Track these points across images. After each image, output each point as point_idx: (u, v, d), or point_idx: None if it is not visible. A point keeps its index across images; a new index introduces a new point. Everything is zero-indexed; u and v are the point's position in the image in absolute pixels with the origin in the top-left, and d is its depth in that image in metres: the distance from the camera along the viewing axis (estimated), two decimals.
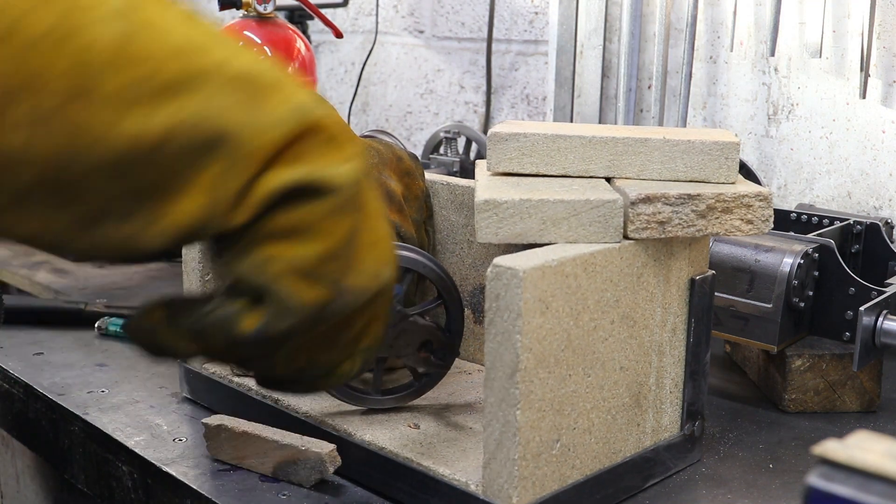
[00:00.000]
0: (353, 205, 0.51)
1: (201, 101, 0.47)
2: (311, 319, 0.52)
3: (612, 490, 0.74)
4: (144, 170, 0.47)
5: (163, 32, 0.47)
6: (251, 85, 0.49)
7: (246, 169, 0.48)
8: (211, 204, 0.48)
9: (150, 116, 0.46)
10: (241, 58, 0.49)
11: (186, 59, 0.47)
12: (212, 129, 0.47)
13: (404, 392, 0.82)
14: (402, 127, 1.88)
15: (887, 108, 1.21)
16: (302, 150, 0.50)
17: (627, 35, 1.41)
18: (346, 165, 0.51)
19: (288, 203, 0.50)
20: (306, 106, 0.50)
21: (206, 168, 0.47)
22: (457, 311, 0.82)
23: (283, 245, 0.50)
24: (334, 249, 0.51)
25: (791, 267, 0.89)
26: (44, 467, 1.11)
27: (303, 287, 0.51)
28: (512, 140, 0.77)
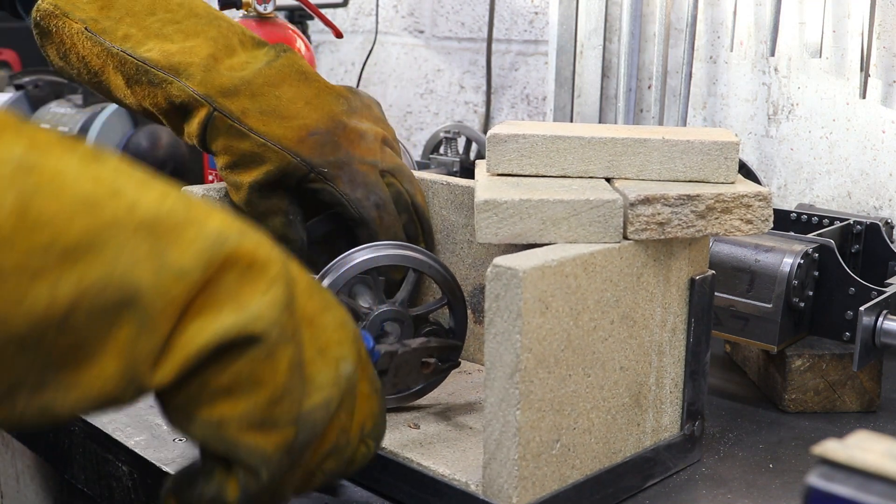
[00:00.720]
0: (283, 340, 0.50)
1: (106, 261, 0.45)
2: (282, 463, 0.52)
3: (612, 490, 0.74)
4: (54, 340, 0.44)
5: (63, 187, 0.44)
6: (157, 230, 0.46)
7: (159, 328, 0.46)
8: (126, 369, 0.46)
9: (55, 287, 0.44)
10: (148, 197, 0.47)
11: (87, 215, 0.45)
12: (119, 290, 0.45)
13: (406, 392, 0.82)
14: (402, 127, 1.88)
15: (887, 108, 1.21)
16: (218, 290, 0.48)
17: (627, 35, 1.41)
18: (266, 299, 0.49)
19: (218, 359, 0.48)
20: (217, 240, 0.48)
21: (117, 332, 0.45)
22: (461, 310, 0.82)
23: (227, 403, 0.49)
24: (279, 392, 0.50)
25: (791, 267, 0.89)
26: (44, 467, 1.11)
27: (262, 438, 0.50)
28: (511, 141, 0.77)
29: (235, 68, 0.87)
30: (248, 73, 0.87)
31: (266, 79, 0.87)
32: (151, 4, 0.89)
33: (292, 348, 0.51)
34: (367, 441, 0.59)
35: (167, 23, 0.88)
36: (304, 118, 0.87)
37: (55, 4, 0.88)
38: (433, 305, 0.82)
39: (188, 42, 0.88)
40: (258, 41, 0.91)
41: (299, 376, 0.52)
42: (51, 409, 0.46)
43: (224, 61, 0.87)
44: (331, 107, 0.89)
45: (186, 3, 0.90)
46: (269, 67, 0.88)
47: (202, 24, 0.89)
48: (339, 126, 0.88)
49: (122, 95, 0.90)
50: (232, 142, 0.86)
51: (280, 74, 0.88)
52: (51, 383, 0.45)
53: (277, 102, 0.87)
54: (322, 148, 0.86)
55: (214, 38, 0.88)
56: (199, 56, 0.87)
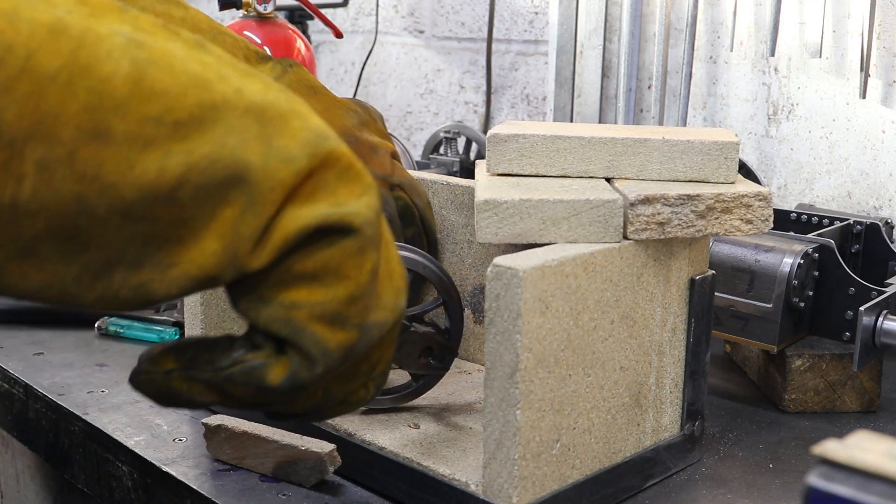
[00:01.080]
0: (373, 242, 0.50)
1: (217, 137, 0.45)
2: (339, 363, 0.51)
3: (612, 490, 0.74)
4: (159, 215, 0.44)
5: (174, 64, 0.45)
6: (266, 115, 0.47)
7: (264, 209, 0.46)
8: (228, 249, 0.46)
9: (166, 159, 0.44)
10: (254, 86, 0.47)
11: (199, 92, 0.45)
12: (229, 168, 0.45)
13: (403, 392, 0.82)
14: (402, 127, 1.88)
15: (887, 108, 1.21)
16: (319, 184, 0.48)
17: (627, 35, 1.41)
18: (363, 200, 0.49)
19: (309, 244, 0.48)
20: (320, 136, 0.48)
21: (222, 210, 0.45)
22: (457, 312, 0.82)
23: (306, 289, 0.48)
24: (359, 290, 0.49)
25: (791, 267, 0.89)
26: (44, 467, 1.11)
27: (329, 332, 0.49)
28: (511, 141, 0.77)
29: None
30: None
31: None
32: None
33: (377, 254, 0.50)
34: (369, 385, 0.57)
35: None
36: None
37: None
38: (429, 306, 0.82)
39: None
40: (263, 55, 0.90)
41: (375, 285, 0.51)
42: (147, 288, 0.46)
43: None
44: (342, 120, 0.88)
45: (189, 19, 0.90)
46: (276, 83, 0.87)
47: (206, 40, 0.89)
48: (352, 140, 0.87)
49: None
50: None
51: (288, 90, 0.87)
52: (150, 260, 0.45)
53: None
54: None
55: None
56: None
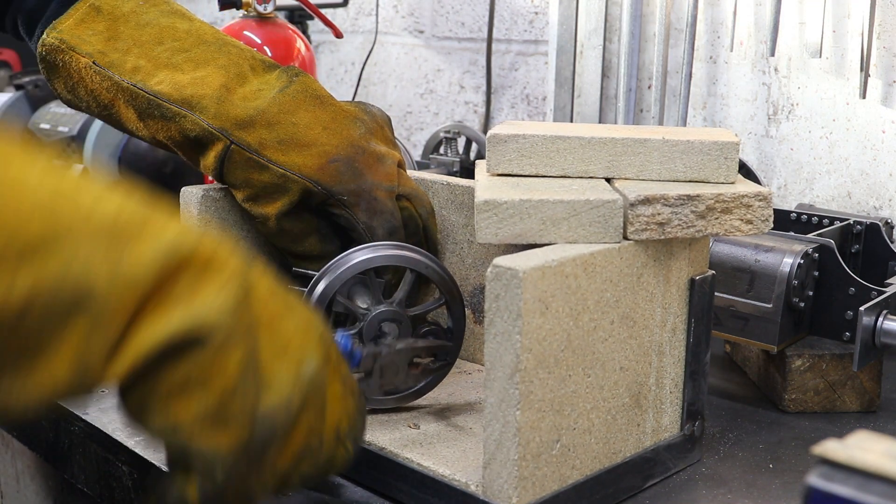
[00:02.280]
0: (231, 341, 0.51)
1: (63, 260, 0.46)
2: (237, 462, 0.52)
3: (612, 490, 0.74)
4: (8, 337, 0.46)
5: (23, 190, 0.46)
6: (115, 232, 0.48)
7: (111, 327, 0.48)
8: (78, 367, 0.47)
9: (12, 284, 0.45)
10: (107, 203, 0.48)
11: (47, 215, 0.46)
12: (74, 288, 0.46)
13: (406, 392, 0.82)
14: (402, 127, 1.88)
15: (887, 108, 1.21)
16: (169, 293, 0.49)
17: (627, 35, 1.41)
18: (215, 303, 0.50)
19: (168, 359, 0.49)
20: (172, 246, 0.49)
21: (72, 329, 0.47)
22: (459, 311, 0.82)
23: (179, 402, 0.50)
24: (231, 389, 0.51)
25: (791, 267, 0.89)
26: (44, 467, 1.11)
27: (215, 436, 0.51)
28: (511, 141, 0.77)
29: (249, 97, 0.86)
30: (263, 101, 0.86)
31: (281, 106, 0.85)
32: (159, 34, 0.87)
33: (242, 349, 0.51)
34: (345, 443, 0.60)
35: (176, 52, 0.87)
36: (324, 144, 0.85)
37: (60, 38, 0.86)
38: (431, 305, 0.82)
39: (199, 72, 0.86)
40: (269, 64, 0.90)
41: (252, 376, 0.52)
42: (6, 402, 0.47)
43: (237, 91, 0.86)
44: (349, 131, 0.87)
45: (194, 31, 0.89)
46: (283, 94, 0.86)
47: (212, 51, 0.88)
48: (359, 151, 0.87)
49: (134, 128, 0.88)
50: (251, 174, 0.85)
51: (295, 101, 0.86)
52: (5, 378, 0.47)
53: (295, 130, 0.85)
54: (342, 175, 0.85)
55: (225, 66, 0.87)
56: (212, 87, 0.85)
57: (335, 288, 0.78)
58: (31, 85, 1.58)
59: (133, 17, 0.88)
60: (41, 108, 1.54)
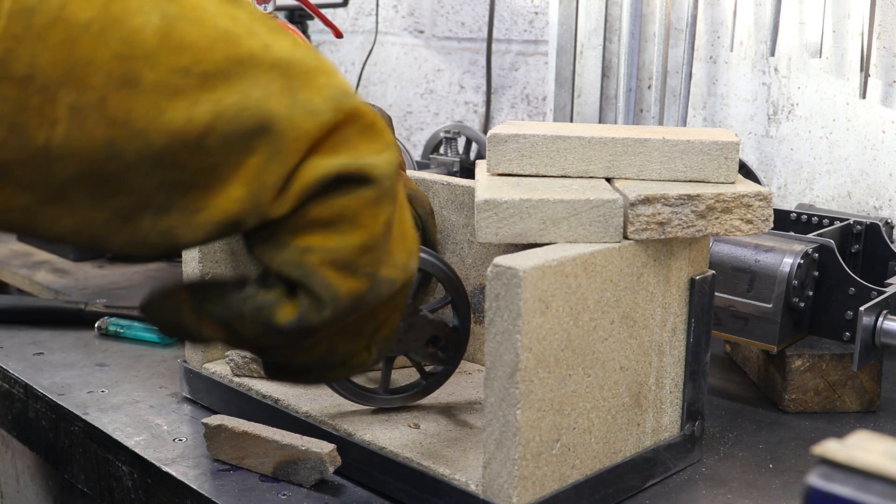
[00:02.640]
0: (389, 196, 0.51)
1: (244, 89, 0.46)
2: (347, 310, 0.51)
3: (612, 490, 0.74)
4: (187, 161, 0.46)
5: (204, 18, 0.47)
6: (292, 71, 0.48)
7: (288, 158, 0.48)
8: (252, 196, 0.47)
9: (194, 107, 0.45)
10: (282, 42, 0.49)
11: (229, 45, 0.47)
12: (255, 118, 0.47)
13: (412, 391, 0.82)
14: (403, 127, 1.88)
15: (887, 108, 1.21)
16: (342, 138, 0.49)
17: (627, 35, 1.41)
18: (383, 155, 0.51)
19: (328, 192, 0.49)
20: (344, 93, 0.50)
21: (248, 158, 0.47)
22: (464, 309, 0.82)
23: (321, 235, 0.50)
24: (373, 240, 0.51)
25: (791, 267, 0.89)
26: (44, 467, 1.11)
27: (340, 279, 0.50)
28: (511, 141, 0.77)
29: None
30: None
31: None
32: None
33: (392, 208, 0.52)
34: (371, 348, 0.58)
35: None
36: None
37: None
38: (437, 304, 0.82)
39: None
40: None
41: (388, 240, 0.52)
42: (173, 234, 0.47)
43: None
44: None
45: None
46: None
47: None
48: None
49: None
50: None
51: None
52: (177, 206, 0.47)
53: None
54: None
55: None
56: None
57: None
58: None
59: None
60: None
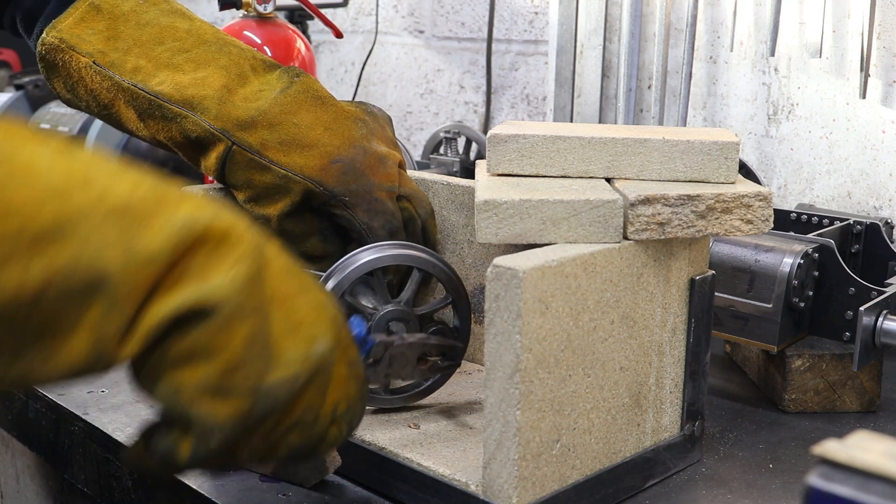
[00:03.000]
0: (240, 314, 0.52)
1: (75, 246, 0.47)
2: (236, 431, 0.54)
3: (612, 490, 0.74)
4: (27, 318, 0.47)
5: (34, 177, 0.47)
6: (127, 217, 0.48)
7: (125, 309, 0.49)
8: (95, 345, 0.49)
9: (26, 270, 0.46)
10: (121, 186, 0.49)
11: (59, 203, 0.47)
12: (88, 274, 0.47)
13: (413, 391, 0.82)
14: (402, 127, 1.88)
15: (887, 108, 1.21)
16: (183, 271, 0.50)
17: (627, 35, 1.41)
18: (227, 276, 0.51)
19: (177, 329, 0.51)
20: (186, 224, 0.50)
21: (86, 312, 0.48)
22: (465, 310, 0.82)
23: (184, 370, 0.52)
24: (234, 362, 0.52)
25: (791, 267, 0.89)
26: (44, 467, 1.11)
27: (217, 405, 0.52)
28: (511, 141, 0.77)
29: (250, 98, 0.86)
30: (264, 102, 0.86)
31: (282, 107, 0.86)
32: (159, 34, 0.87)
33: (251, 322, 0.52)
34: (339, 423, 0.60)
35: (177, 52, 0.87)
36: (325, 145, 0.85)
37: (61, 38, 0.86)
38: (437, 304, 0.82)
39: (199, 72, 0.86)
40: (270, 64, 0.90)
41: (260, 350, 0.53)
42: (29, 376, 0.49)
43: (238, 91, 0.86)
44: (350, 132, 0.87)
45: (195, 31, 0.89)
46: (284, 95, 0.86)
47: (212, 51, 0.88)
48: (360, 152, 0.87)
49: (134, 128, 0.88)
50: (253, 175, 0.85)
51: (296, 101, 0.86)
52: (27, 354, 0.48)
53: (296, 130, 0.85)
54: (344, 176, 0.85)
55: (226, 66, 0.87)
56: (213, 88, 0.85)
57: (344, 287, 0.78)
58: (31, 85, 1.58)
59: (133, 17, 0.88)
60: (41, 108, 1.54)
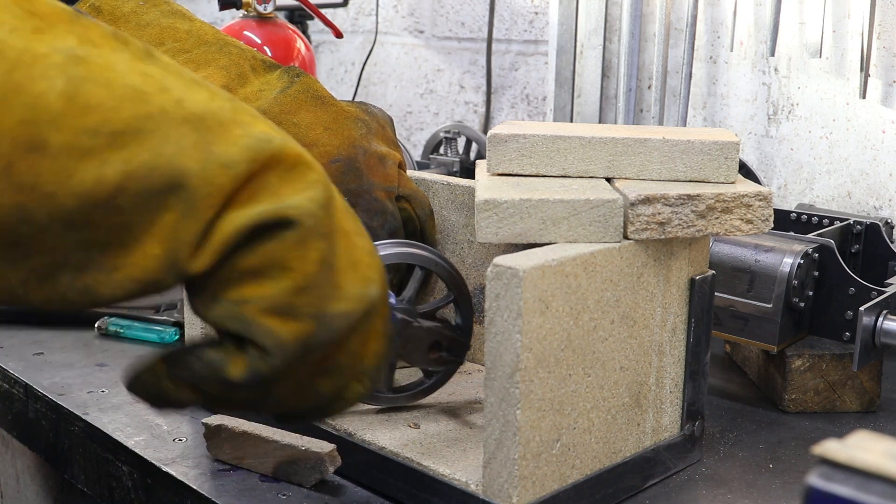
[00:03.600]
0: (317, 233, 0.51)
1: (154, 146, 0.46)
2: (296, 354, 0.52)
3: (612, 490, 0.74)
4: (100, 221, 0.46)
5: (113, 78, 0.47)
6: (205, 124, 0.48)
7: (202, 214, 0.48)
8: (169, 253, 0.47)
9: (103, 167, 0.45)
10: (197, 95, 0.49)
11: (138, 103, 0.47)
12: (166, 175, 0.46)
13: (416, 390, 0.82)
14: (402, 127, 1.88)
15: (887, 108, 1.21)
16: (260, 185, 0.49)
17: (627, 35, 1.41)
18: (305, 194, 0.50)
19: (250, 242, 0.49)
20: (263, 139, 0.49)
21: (162, 216, 0.47)
22: (467, 307, 0.82)
23: (252, 285, 0.50)
24: (305, 281, 0.51)
25: (791, 267, 0.89)
26: (44, 467, 1.11)
27: (281, 324, 0.50)
28: (511, 141, 0.77)
29: (250, 98, 0.86)
30: (264, 102, 0.86)
31: (282, 107, 0.86)
32: (159, 34, 0.87)
33: (325, 244, 0.51)
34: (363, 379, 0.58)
35: (177, 52, 0.87)
36: (325, 145, 0.86)
37: None
38: (440, 302, 0.82)
39: (199, 73, 0.86)
40: (270, 64, 0.89)
41: (328, 275, 0.52)
42: (93, 291, 0.48)
43: (238, 91, 0.86)
44: (350, 131, 0.87)
45: (195, 31, 0.89)
46: (284, 95, 0.86)
47: (212, 52, 0.88)
48: (360, 152, 0.87)
49: None
50: None
51: (296, 101, 0.87)
52: (95, 264, 0.47)
53: (296, 130, 0.85)
54: (344, 176, 0.85)
55: (226, 66, 0.87)
56: None
57: None
58: None
59: (133, 18, 0.88)
60: None
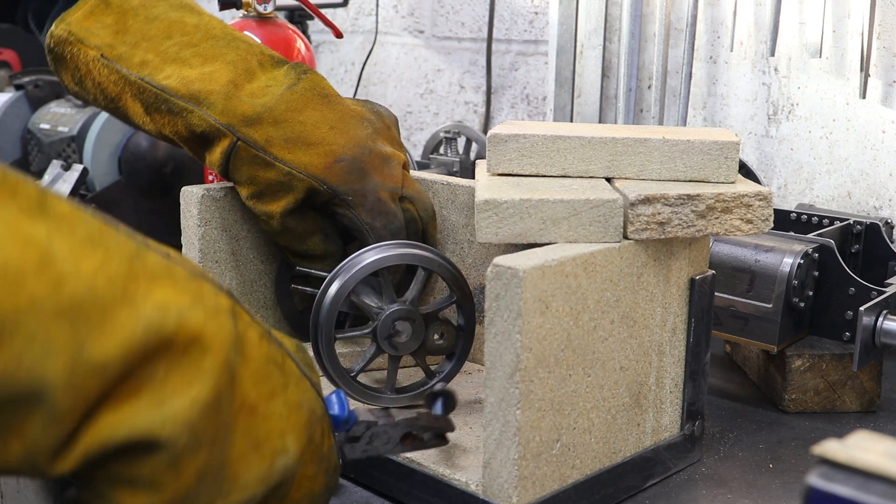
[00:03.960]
0: (196, 444, 0.47)
1: (16, 350, 0.41)
2: None
3: (612, 490, 0.74)
4: None
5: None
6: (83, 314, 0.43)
7: (63, 425, 0.44)
8: (29, 456, 0.44)
9: None
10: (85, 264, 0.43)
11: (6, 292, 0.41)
12: (24, 385, 0.42)
13: (418, 390, 0.82)
14: (403, 127, 1.88)
15: (887, 108, 1.21)
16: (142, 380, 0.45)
17: (627, 35, 1.41)
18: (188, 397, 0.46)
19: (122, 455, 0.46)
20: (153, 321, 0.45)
21: (21, 420, 0.43)
22: (469, 307, 0.82)
23: (127, 491, 0.47)
24: (184, 493, 0.48)
25: (791, 267, 0.89)
26: None
27: None
28: (511, 141, 0.77)
29: (256, 94, 0.86)
30: (270, 98, 0.85)
31: (289, 104, 0.85)
32: (167, 28, 0.87)
33: (206, 454, 0.48)
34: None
35: (184, 46, 0.87)
36: (330, 144, 0.85)
37: (69, 31, 0.86)
38: (442, 303, 0.82)
39: (207, 67, 0.86)
40: (277, 59, 0.89)
41: (213, 480, 0.49)
42: None
43: (244, 87, 0.86)
44: (356, 131, 0.87)
45: (203, 25, 0.89)
46: (291, 92, 0.86)
47: (220, 46, 0.88)
48: (365, 151, 0.86)
49: (140, 122, 0.88)
50: (257, 171, 0.85)
51: (302, 99, 0.86)
52: None
53: (302, 128, 0.85)
54: (348, 175, 0.85)
55: (233, 61, 0.87)
56: (219, 83, 0.85)
57: (348, 289, 0.78)
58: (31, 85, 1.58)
59: (142, 11, 0.88)
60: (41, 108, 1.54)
